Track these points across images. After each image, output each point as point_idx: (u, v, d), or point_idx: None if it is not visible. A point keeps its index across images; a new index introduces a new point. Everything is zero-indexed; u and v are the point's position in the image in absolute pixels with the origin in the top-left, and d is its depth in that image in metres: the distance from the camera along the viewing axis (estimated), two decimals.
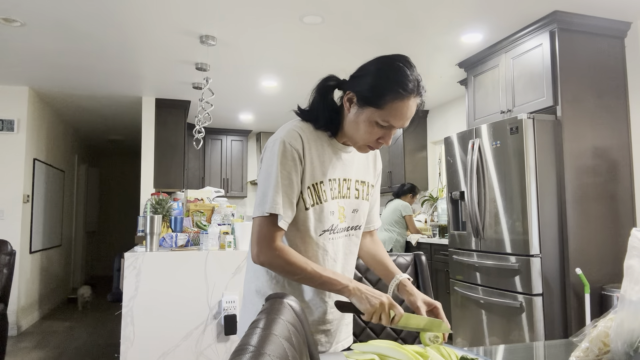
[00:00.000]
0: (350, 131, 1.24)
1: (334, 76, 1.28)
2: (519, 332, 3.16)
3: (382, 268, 1.43)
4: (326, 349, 1.32)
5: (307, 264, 1.18)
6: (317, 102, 1.27)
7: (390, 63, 1.19)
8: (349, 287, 1.17)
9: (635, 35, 3.43)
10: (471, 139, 3.60)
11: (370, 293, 1.16)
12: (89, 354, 4.13)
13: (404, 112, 1.18)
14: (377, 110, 1.18)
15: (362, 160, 1.38)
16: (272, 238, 1.19)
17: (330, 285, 1.18)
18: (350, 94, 1.22)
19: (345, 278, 1.19)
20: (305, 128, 1.26)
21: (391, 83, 1.16)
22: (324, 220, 1.26)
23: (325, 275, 1.18)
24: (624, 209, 3.34)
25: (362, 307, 1.15)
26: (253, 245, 1.21)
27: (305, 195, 1.23)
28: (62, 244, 6.88)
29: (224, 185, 7.15)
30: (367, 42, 3.88)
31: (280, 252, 1.18)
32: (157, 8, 3.25)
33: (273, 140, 1.24)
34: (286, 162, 1.20)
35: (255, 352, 0.57)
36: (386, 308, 1.14)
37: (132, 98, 5.54)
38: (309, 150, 1.23)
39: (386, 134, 1.22)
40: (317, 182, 1.25)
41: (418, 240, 4.91)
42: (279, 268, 1.20)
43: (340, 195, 1.30)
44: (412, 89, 1.17)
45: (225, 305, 2.73)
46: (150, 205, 3.19)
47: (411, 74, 1.18)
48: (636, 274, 0.94)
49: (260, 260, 1.20)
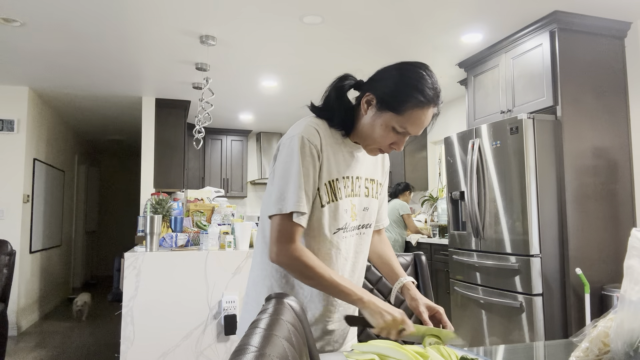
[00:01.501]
0: (364, 133, 1.24)
1: (350, 75, 1.28)
2: (519, 332, 3.16)
3: (388, 269, 1.43)
4: (335, 348, 1.31)
5: (326, 270, 1.17)
6: (332, 101, 1.26)
7: (413, 70, 1.19)
8: (363, 299, 1.16)
9: (635, 35, 3.43)
10: (471, 139, 3.60)
11: (384, 308, 1.15)
12: (89, 354, 4.13)
13: (422, 120, 1.19)
14: (396, 116, 1.18)
15: (371, 159, 1.37)
16: (292, 237, 1.17)
17: (346, 296, 1.17)
18: (370, 96, 1.21)
19: (360, 290, 1.19)
20: (321, 124, 1.25)
21: (413, 90, 1.16)
22: (338, 218, 1.25)
23: (342, 285, 1.17)
24: (624, 209, 3.34)
25: (374, 321, 1.15)
26: (272, 244, 1.19)
27: (321, 192, 1.22)
28: (62, 244, 6.87)
29: (224, 185, 7.15)
30: (367, 42, 3.88)
31: (300, 254, 1.17)
32: (157, 8, 3.25)
33: (290, 137, 1.22)
34: (305, 158, 1.18)
35: (255, 353, 0.57)
36: (398, 324, 1.14)
37: (132, 98, 5.54)
38: (325, 147, 1.23)
39: (400, 139, 1.22)
40: (333, 179, 1.24)
41: (418, 240, 4.91)
42: (297, 271, 1.18)
43: (352, 194, 1.29)
44: (432, 97, 1.17)
45: (225, 305, 2.73)
46: (150, 205, 3.19)
47: (432, 82, 1.18)
48: (636, 274, 0.94)
49: (280, 260, 1.18)
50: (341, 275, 1.23)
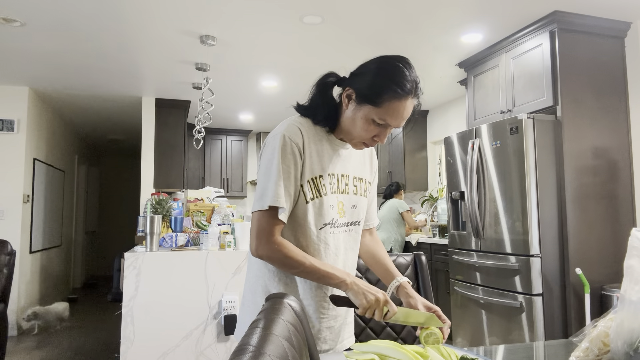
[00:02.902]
0: (347, 127, 1.26)
1: (333, 73, 1.31)
2: (519, 332, 3.16)
3: (382, 269, 1.44)
4: (330, 346, 1.32)
5: (306, 257, 1.20)
6: (316, 98, 1.29)
7: (390, 62, 1.22)
8: (346, 282, 1.19)
9: (635, 35, 3.43)
10: (471, 139, 3.60)
11: (366, 289, 1.18)
12: (89, 354, 4.13)
13: (401, 112, 1.20)
14: (375, 108, 1.20)
15: (358, 157, 1.39)
16: (271, 231, 1.20)
17: (329, 279, 1.20)
18: (349, 90, 1.24)
19: (342, 272, 1.21)
20: (305, 123, 1.28)
21: (390, 82, 1.18)
22: (324, 214, 1.27)
23: (323, 269, 1.20)
24: (624, 209, 3.34)
25: (357, 301, 1.18)
26: (252, 239, 1.23)
27: (305, 189, 1.24)
28: (62, 244, 6.88)
29: (224, 185, 7.15)
30: (367, 42, 3.88)
31: (279, 246, 1.20)
32: (157, 8, 3.25)
33: (273, 135, 1.25)
34: (286, 156, 1.21)
35: (255, 352, 0.57)
36: (381, 304, 1.17)
37: (132, 98, 5.54)
38: (308, 145, 1.25)
39: (382, 132, 1.24)
40: (317, 176, 1.26)
41: (418, 240, 4.91)
42: (278, 262, 1.21)
43: (339, 191, 1.31)
44: (410, 89, 1.19)
45: (225, 305, 2.73)
46: (150, 205, 3.19)
47: (410, 74, 1.20)
48: (636, 274, 0.94)
49: (259, 253, 1.21)
50: (322, 262, 1.24)
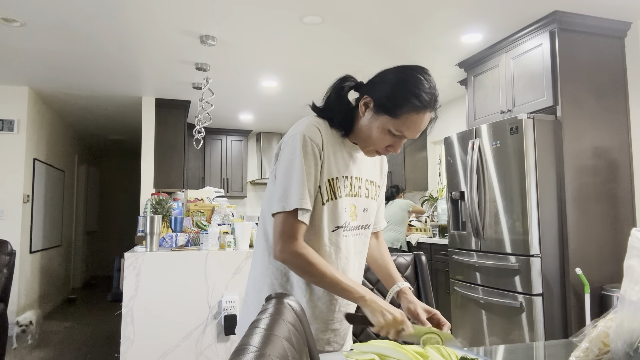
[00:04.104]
0: (362, 134, 1.26)
1: (351, 77, 1.29)
2: (519, 332, 3.16)
3: (385, 272, 1.44)
4: (335, 348, 1.31)
5: (328, 268, 1.18)
6: (333, 101, 1.28)
7: (410, 74, 1.20)
8: (365, 298, 1.17)
9: (635, 35, 3.43)
10: (471, 139, 3.60)
11: (385, 307, 1.16)
12: (89, 354, 4.13)
13: (418, 125, 1.20)
14: (392, 120, 1.19)
15: (370, 161, 1.39)
16: (295, 234, 1.18)
17: (348, 293, 1.18)
18: (368, 98, 1.23)
19: (362, 288, 1.20)
20: (322, 123, 1.27)
21: (409, 95, 1.17)
22: (337, 217, 1.26)
23: (344, 282, 1.18)
24: (624, 209, 3.34)
25: (374, 319, 1.16)
26: (276, 242, 1.20)
27: (322, 190, 1.23)
28: (62, 244, 6.87)
29: (224, 185, 7.15)
30: (367, 42, 3.88)
31: (303, 251, 1.18)
32: (157, 8, 3.25)
33: (292, 135, 1.23)
34: (307, 156, 1.20)
35: (255, 353, 0.57)
36: (398, 324, 1.15)
37: (132, 98, 5.54)
38: (327, 146, 1.24)
39: (396, 142, 1.24)
40: (333, 178, 1.26)
41: (418, 240, 4.91)
42: (299, 267, 1.20)
43: (352, 194, 1.30)
44: (429, 102, 1.18)
45: (225, 305, 2.73)
46: (150, 205, 3.19)
47: (430, 87, 1.19)
48: (636, 274, 0.94)
49: (283, 257, 1.19)
50: (343, 273, 1.23)
